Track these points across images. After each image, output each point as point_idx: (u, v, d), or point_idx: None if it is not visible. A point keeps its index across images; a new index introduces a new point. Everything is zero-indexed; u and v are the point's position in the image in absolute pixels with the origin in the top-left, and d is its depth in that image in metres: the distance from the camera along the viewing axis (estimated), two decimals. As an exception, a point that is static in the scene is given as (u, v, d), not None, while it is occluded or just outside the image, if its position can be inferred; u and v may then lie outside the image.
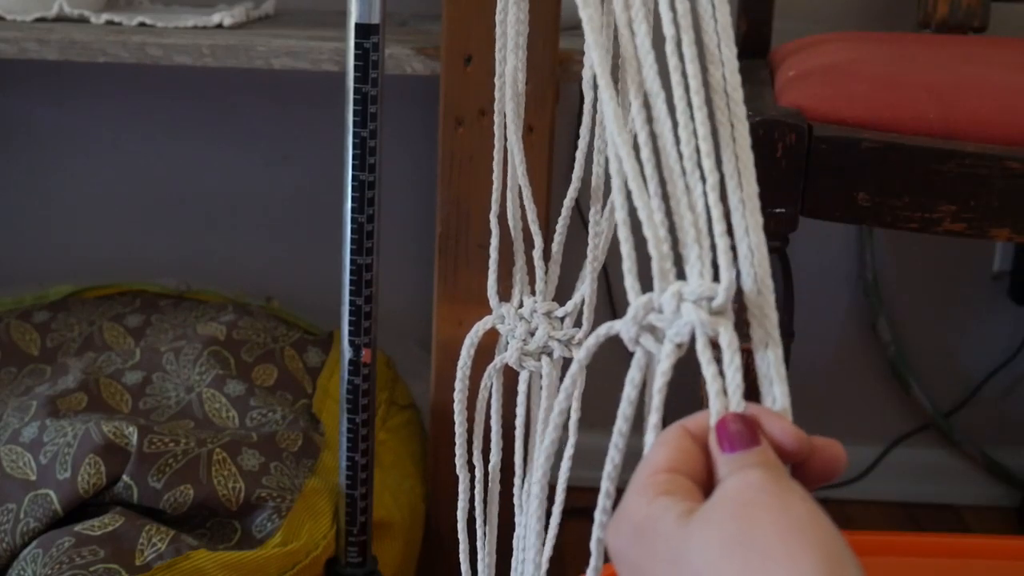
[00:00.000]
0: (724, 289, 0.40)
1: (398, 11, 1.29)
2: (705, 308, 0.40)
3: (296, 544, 0.91)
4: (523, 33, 0.58)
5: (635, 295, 0.41)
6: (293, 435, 1.00)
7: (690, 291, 0.40)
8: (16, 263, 1.45)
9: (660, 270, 0.40)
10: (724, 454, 0.38)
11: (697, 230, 0.41)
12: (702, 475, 0.39)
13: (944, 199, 0.85)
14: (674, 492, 0.38)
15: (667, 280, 0.40)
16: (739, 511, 0.36)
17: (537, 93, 1.00)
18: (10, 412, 1.01)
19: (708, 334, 0.39)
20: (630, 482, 0.40)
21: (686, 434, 0.40)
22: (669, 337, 0.40)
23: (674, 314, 0.40)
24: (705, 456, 0.39)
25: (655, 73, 0.41)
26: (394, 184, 1.25)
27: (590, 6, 0.44)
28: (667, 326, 0.40)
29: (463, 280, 1.06)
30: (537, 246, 0.60)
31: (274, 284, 1.41)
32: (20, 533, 0.89)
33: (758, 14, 1.19)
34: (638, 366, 0.42)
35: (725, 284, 0.40)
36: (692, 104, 0.41)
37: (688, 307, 0.40)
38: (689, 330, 0.40)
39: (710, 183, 0.40)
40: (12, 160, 1.44)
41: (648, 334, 0.41)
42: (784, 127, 0.84)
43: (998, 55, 1.04)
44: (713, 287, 0.40)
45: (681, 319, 0.40)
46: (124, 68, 1.35)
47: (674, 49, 0.41)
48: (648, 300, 0.41)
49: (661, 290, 0.40)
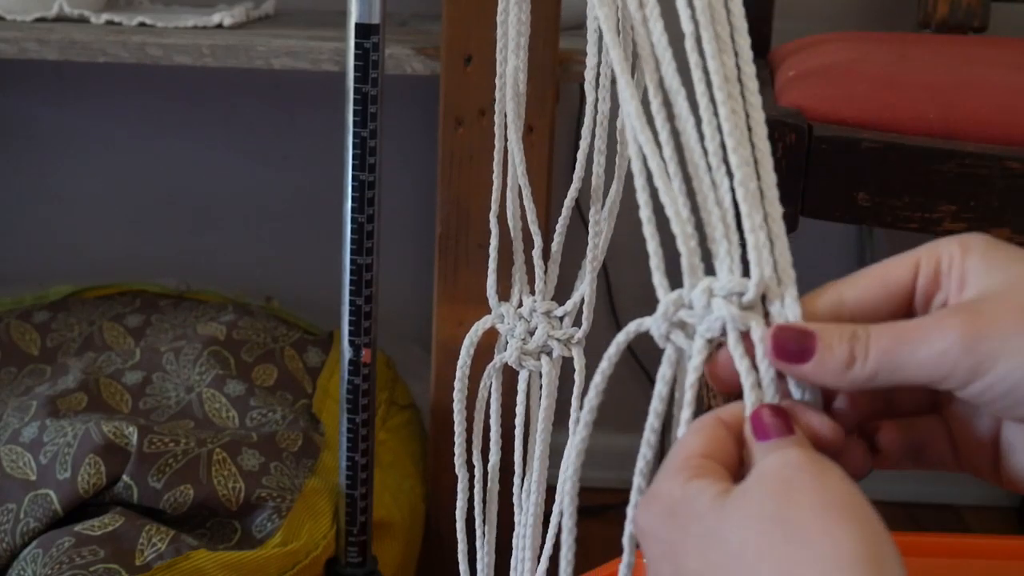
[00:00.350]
0: (755, 284, 0.40)
1: (398, 11, 1.29)
2: (736, 303, 0.40)
3: (296, 544, 0.91)
4: (524, 34, 0.58)
5: (664, 292, 0.41)
6: (293, 435, 1.00)
7: (720, 286, 0.40)
8: (16, 263, 1.45)
9: (690, 266, 0.41)
10: (760, 442, 0.38)
11: (725, 225, 0.41)
12: (735, 464, 0.39)
13: (944, 199, 0.85)
14: (708, 475, 0.38)
15: (696, 276, 0.41)
16: (777, 488, 0.35)
17: (537, 93, 1.00)
18: (10, 412, 1.01)
19: (740, 329, 0.40)
20: (661, 467, 0.40)
21: (720, 423, 0.40)
22: (700, 333, 0.40)
23: (704, 309, 0.40)
24: (738, 446, 0.39)
25: (674, 70, 0.41)
26: (394, 184, 1.25)
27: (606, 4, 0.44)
28: (698, 322, 0.41)
29: (463, 280, 1.06)
30: (537, 246, 0.60)
31: (274, 284, 1.41)
32: (20, 533, 0.89)
33: (758, 14, 1.19)
34: (669, 362, 0.42)
35: (755, 279, 0.40)
36: (716, 99, 0.41)
37: (719, 302, 0.40)
38: (720, 325, 0.40)
39: (738, 178, 0.40)
40: (12, 160, 1.44)
41: (678, 330, 0.41)
42: (784, 127, 0.84)
43: (998, 55, 1.04)
44: (743, 282, 0.40)
45: (712, 314, 0.40)
46: (124, 68, 1.35)
47: (694, 45, 0.41)
48: (678, 296, 0.41)
49: (691, 286, 0.41)
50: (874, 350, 0.38)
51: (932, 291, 0.40)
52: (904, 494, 1.50)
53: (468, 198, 1.04)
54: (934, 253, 0.41)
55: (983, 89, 0.90)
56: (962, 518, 1.47)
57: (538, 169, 1.03)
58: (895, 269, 0.41)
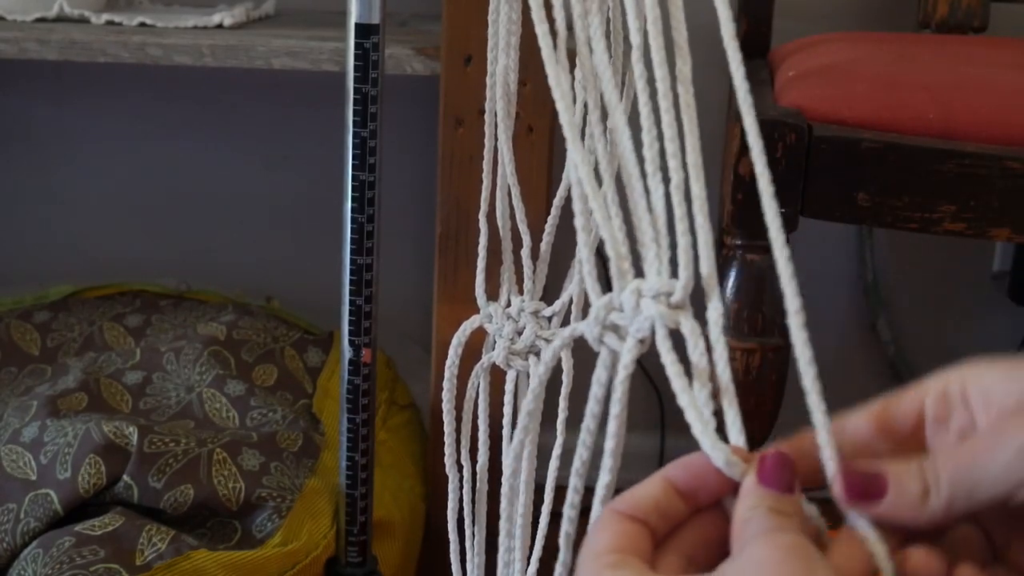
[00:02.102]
0: (682, 286, 0.40)
1: (398, 11, 1.29)
2: (664, 303, 0.40)
3: (296, 544, 0.91)
4: (515, 33, 0.58)
5: (596, 296, 0.42)
6: (293, 435, 1.00)
7: (648, 287, 0.41)
8: (16, 263, 1.45)
9: (618, 270, 0.41)
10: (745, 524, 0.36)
11: (656, 230, 0.41)
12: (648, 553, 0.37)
13: (944, 199, 0.85)
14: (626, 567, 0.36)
15: (625, 279, 0.41)
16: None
17: (537, 93, 1.00)
18: (10, 412, 1.01)
19: (668, 326, 0.40)
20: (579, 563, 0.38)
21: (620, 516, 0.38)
22: (631, 333, 0.41)
23: (634, 311, 0.41)
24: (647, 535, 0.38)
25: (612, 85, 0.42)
26: (394, 184, 1.25)
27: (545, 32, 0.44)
28: (628, 323, 0.41)
29: (463, 280, 1.06)
30: (526, 245, 0.60)
31: (274, 284, 1.41)
32: (20, 533, 0.89)
33: (758, 14, 1.19)
34: (604, 365, 0.42)
35: (683, 280, 0.40)
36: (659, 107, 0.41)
37: (647, 303, 0.41)
38: (650, 325, 0.40)
39: (674, 183, 0.41)
40: (12, 160, 1.44)
41: (611, 333, 0.42)
42: (784, 127, 0.84)
43: (998, 55, 1.04)
44: (671, 283, 0.41)
45: (641, 315, 0.41)
46: (124, 68, 1.35)
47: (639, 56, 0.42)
48: (608, 300, 0.42)
49: (620, 288, 0.41)
50: (945, 474, 0.36)
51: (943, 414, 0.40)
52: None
53: (468, 198, 1.04)
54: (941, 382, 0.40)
55: (983, 89, 0.90)
56: (962, 518, 1.47)
57: (538, 169, 1.03)
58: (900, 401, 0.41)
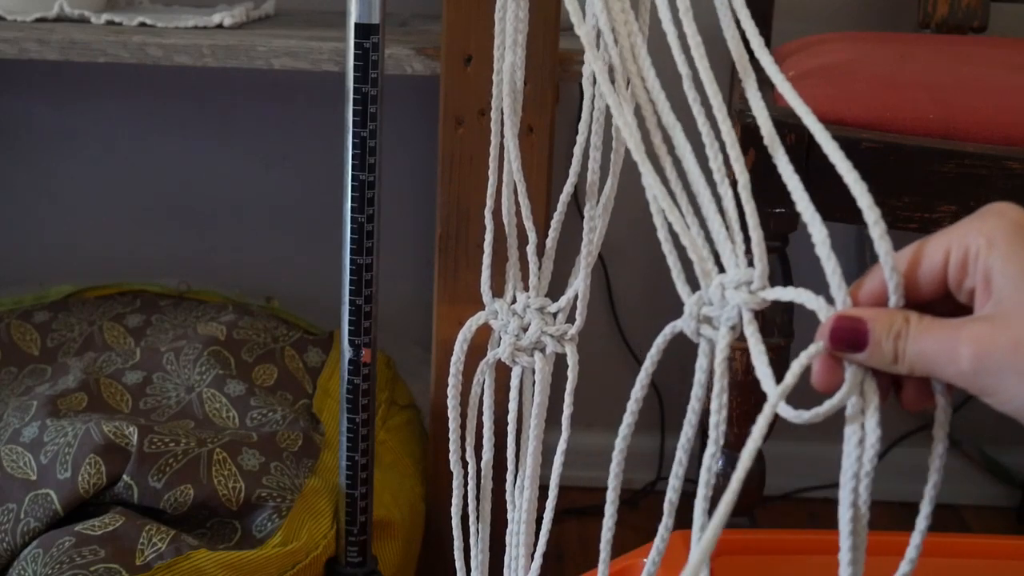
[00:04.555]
0: (759, 274, 0.46)
1: (398, 11, 1.29)
2: (746, 290, 0.46)
3: (296, 544, 0.91)
4: (522, 31, 0.58)
5: (687, 295, 0.48)
6: (293, 435, 1.00)
7: (730, 279, 0.46)
8: (16, 263, 1.45)
9: (702, 271, 0.47)
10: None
11: (728, 229, 0.47)
12: None
13: (944, 199, 0.85)
14: None
15: (710, 277, 0.47)
16: None
17: (537, 93, 1.00)
18: (10, 412, 1.01)
19: (754, 309, 0.46)
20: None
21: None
22: (723, 322, 0.46)
23: (721, 302, 0.46)
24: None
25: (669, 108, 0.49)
26: (394, 184, 1.25)
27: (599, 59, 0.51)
28: (718, 313, 0.47)
29: (463, 280, 1.06)
30: (531, 242, 0.60)
31: (274, 284, 1.41)
32: (20, 533, 0.89)
33: (758, 14, 1.18)
34: (704, 354, 0.48)
35: (760, 268, 0.46)
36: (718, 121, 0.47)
37: (732, 293, 0.46)
38: (738, 312, 0.46)
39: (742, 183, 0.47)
40: (12, 160, 1.44)
41: (706, 325, 0.47)
42: (784, 127, 0.84)
43: (998, 55, 1.04)
44: (749, 272, 0.46)
45: (728, 304, 0.46)
46: (124, 68, 1.35)
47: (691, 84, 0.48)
48: (699, 296, 0.47)
49: (706, 286, 0.47)
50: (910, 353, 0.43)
51: (961, 278, 0.44)
52: (904, 494, 1.50)
53: (468, 198, 1.04)
54: (963, 242, 0.44)
55: (983, 89, 0.90)
56: (962, 518, 1.47)
57: (538, 169, 1.03)
58: (930, 252, 0.45)
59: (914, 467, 1.56)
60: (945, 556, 0.83)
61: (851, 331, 0.43)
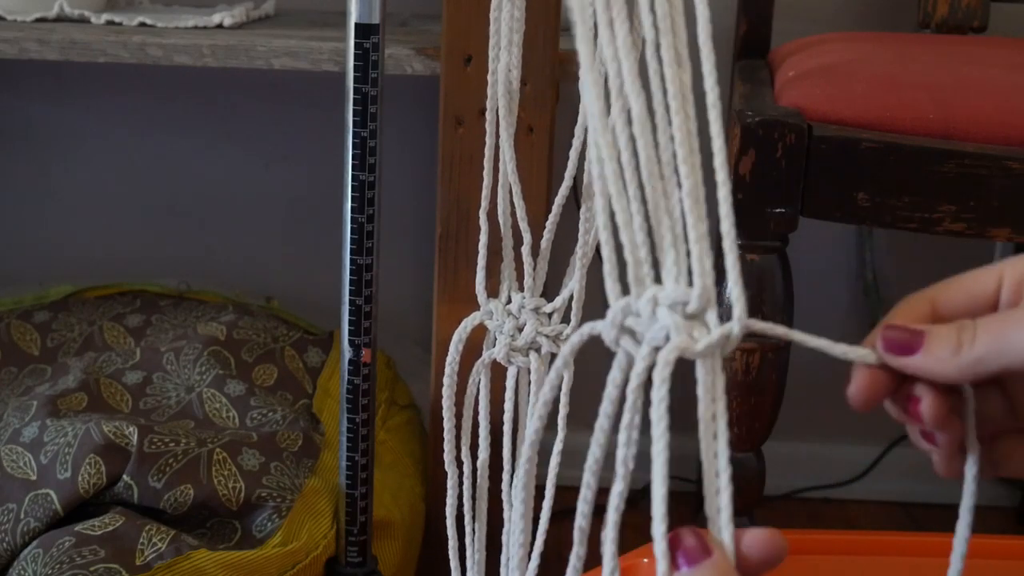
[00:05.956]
0: (697, 296, 0.39)
1: (398, 11, 1.29)
2: (680, 312, 0.40)
3: (296, 544, 0.91)
4: (518, 31, 0.58)
5: (615, 298, 0.41)
6: (293, 435, 1.00)
7: (665, 296, 0.40)
8: (16, 263, 1.45)
9: (636, 276, 0.40)
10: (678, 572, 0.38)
11: (674, 235, 0.40)
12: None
13: (944, 199, 0.85)
14: None
15: (643, 285, 0.40)
16: None
17: (537, 93, 1.00)
18: (10, 412, 1.01)
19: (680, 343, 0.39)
20: None
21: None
22: (647, 341, 0.40)
23: (650, 318, 0.40)
24: None
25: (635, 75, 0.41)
26: (394, 184, 1.25)
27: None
28: (644, 330, 0.40)
29: (463, 280, 1.06)
30: (526, 242, 0.60)
31: (274, 284, 1.41)
32: (20, 533, 0.89)
33: (758, 14, 1.19)
34: (619, 367, 0.42)
35: (699, 290, 0.39)
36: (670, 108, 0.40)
37: (663, 312, 0.40)
38: (665, 334, 0.40)
39: (687, 188, 0.40)
40: (12, 160, 1.44)
41: (628, 336, 0.41)
42: (784, 127, 0.84)
43: (998, 55, 1.04)
44: (688, 292, 0.40)
45: (657, 323, 0.40)
46: (124, 68, 1.35)
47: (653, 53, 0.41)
48: (626, 304, 0.41)
49: (637, 295, 0.41)
50: (981, 333, 0.40)
51: (1015, 303, 0.42)
52: (904, 494, 1.50)
53: (468, 198, 1.04)
54: (1019, 268, 0.42)
55: (983, 89, 0.90)
56: (962, 518, 1.47)
57: (538, 169, 1.03)
58: (981, 280, 0.43)
59: (914, 467, 1.57)
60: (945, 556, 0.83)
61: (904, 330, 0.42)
